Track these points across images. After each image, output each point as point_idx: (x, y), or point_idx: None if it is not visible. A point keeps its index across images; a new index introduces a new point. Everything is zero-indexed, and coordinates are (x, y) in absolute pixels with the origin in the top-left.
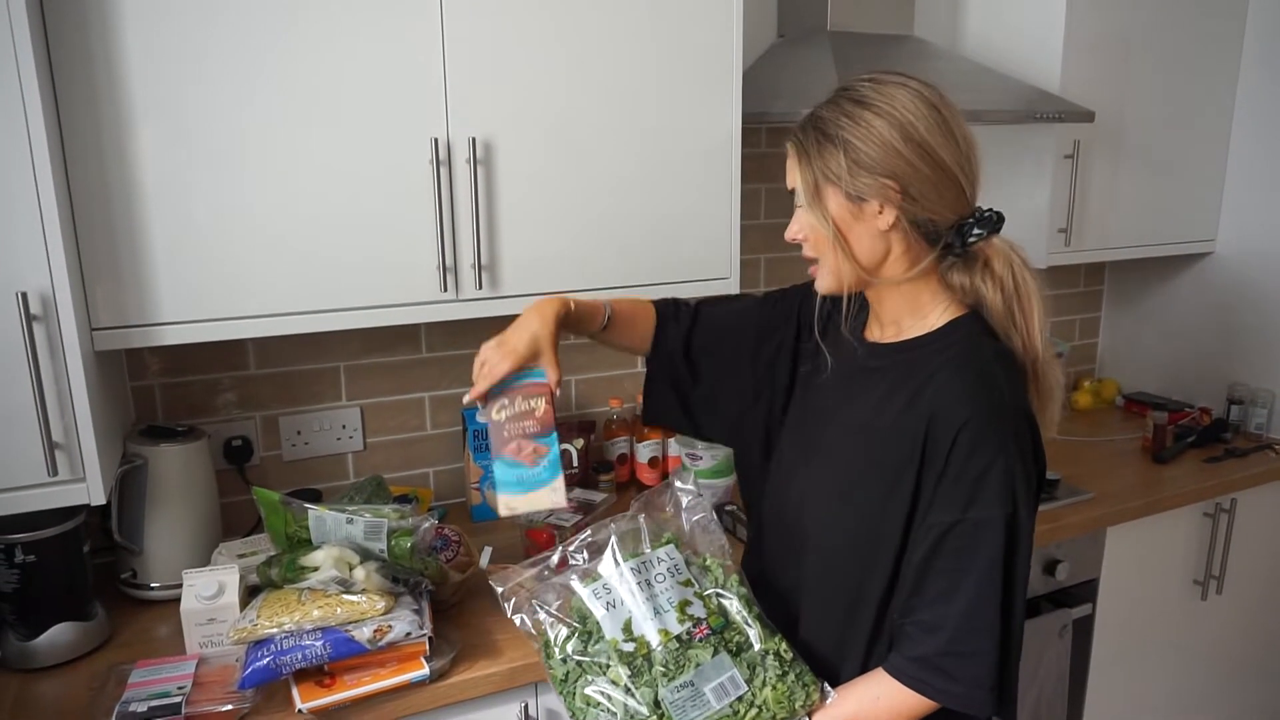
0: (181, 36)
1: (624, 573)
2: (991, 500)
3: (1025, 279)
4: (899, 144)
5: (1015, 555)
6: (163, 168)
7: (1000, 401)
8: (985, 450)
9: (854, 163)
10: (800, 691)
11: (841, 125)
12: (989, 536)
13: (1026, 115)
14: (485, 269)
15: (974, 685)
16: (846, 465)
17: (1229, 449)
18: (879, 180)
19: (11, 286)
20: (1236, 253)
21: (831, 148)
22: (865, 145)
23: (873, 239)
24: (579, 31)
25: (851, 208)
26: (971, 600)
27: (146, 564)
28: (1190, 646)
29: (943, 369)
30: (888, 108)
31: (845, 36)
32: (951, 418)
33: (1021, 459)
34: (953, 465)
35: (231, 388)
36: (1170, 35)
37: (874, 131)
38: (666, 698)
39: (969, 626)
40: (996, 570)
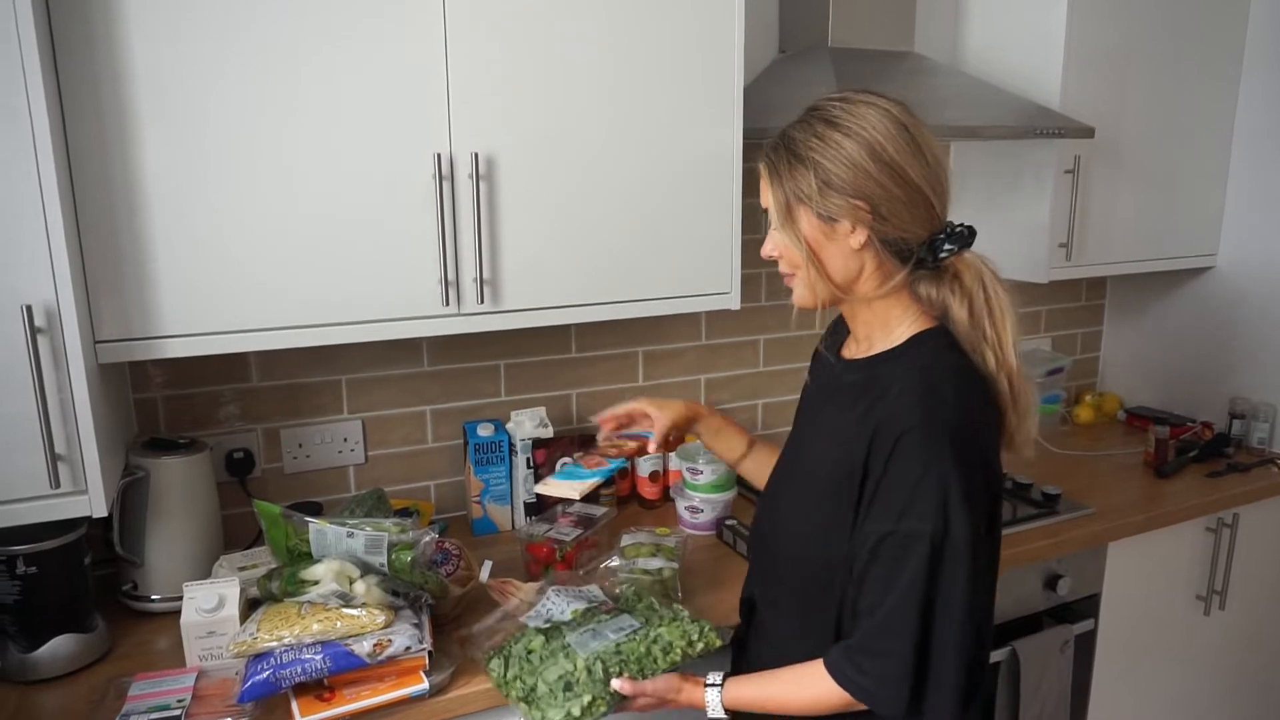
0: (188, 52)
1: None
2: (922, 513)
3: (996, 293)
4: (868, 165)
5: (944, 571)
6: (167, 182)
7: (943, 415)
8: (919, 462)
9: (824, 183)
10: (697, 632)
11: (812, 146)
12: (916, 550)
13: (1027, 131)
14: (487, 283)
15: (881, 682)
16: (810, 479)
17: (1231, 463)
18: (849, 201)
19: (16, 299)
20: (1238, 267)
21: (802, 168)
22: (835, 166)
23: (845, 257)
24: (580, 47)
25: (823, 227)
26: (893, 605)
27: (147, 576)
28: (1193, 662)
29: (897, 381)
30: (857, 128)
31: (846, 53)
32: (893, 428)
33: (960, 473)
34: (888, 474)
35: (234, 400)
36: (1170, 50)
37: (843, 152)
38: (572, 639)
39: (885, 627)
40: (919, 583)
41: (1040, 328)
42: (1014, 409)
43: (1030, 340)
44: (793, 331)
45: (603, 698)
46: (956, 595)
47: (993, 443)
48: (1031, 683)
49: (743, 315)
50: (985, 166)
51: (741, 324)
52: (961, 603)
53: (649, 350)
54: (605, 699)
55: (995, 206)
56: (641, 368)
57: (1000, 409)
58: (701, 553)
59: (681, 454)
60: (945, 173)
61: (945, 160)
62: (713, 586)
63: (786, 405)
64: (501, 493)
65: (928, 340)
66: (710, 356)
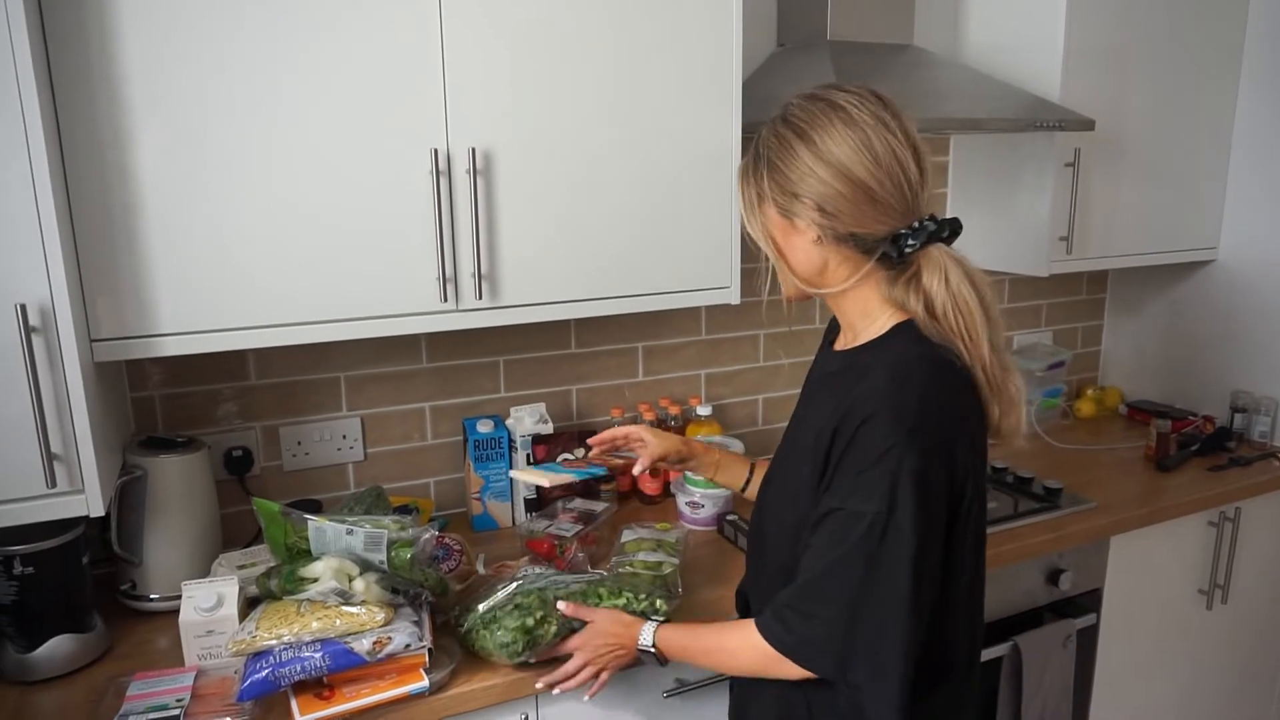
0: (182, 49)
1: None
2: (867, 495)
3: (960, 290)
4: (814, 165)
5: (884, 554)
6: (162, 179)
7: (905, 403)
8: (875, 446)
9: (776, 184)
10: (647, 593)
11: (770, 146)
12: (856, 526)
13: (1027, 124)
14: (485, 279)
15: (803, 641)
16: (793, 470)
17: (1233, 457)
18: (798, 200)
19: (10, 298)
20: (1239, 260)
21: (763, 168)
22: (785, 168)
23: (806, 251)
24: (578, 41)
25: (783, 223)
26: (825, 570)
27: (146, 575)
28: (1196, 656)
29: (872, 370)
30: (808, 128)
31: (845, 46)
32: (857, 414)
33: (916, 462)
34: (845, 458)
35: (232, 398)
36: (1171, 43)
37: (794, 154)
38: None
39: (814, 591)
40: (854, 557)
41: (1041, 321)
42: (996, 399)
43: (1030, 334)
44: (794, 325)
45: (552, 619)
46: (898, 577)
47: (964, 433)
48: (1033, 678)
49: (743, 310)
50: (985, 160)
51: (742, 319)
52: (903, 585)
53: (649, 345)
54: (555, 620)
55: (995, 200)
56: (641, 363)
57: (981, 399)
58: (702, 548)
59: None
60: (911, 167)
61: (912, 155)
62: (714, 582)
63: (787, 400)
64: (501, 489)
65: (907, 330)
66: (710, 351)
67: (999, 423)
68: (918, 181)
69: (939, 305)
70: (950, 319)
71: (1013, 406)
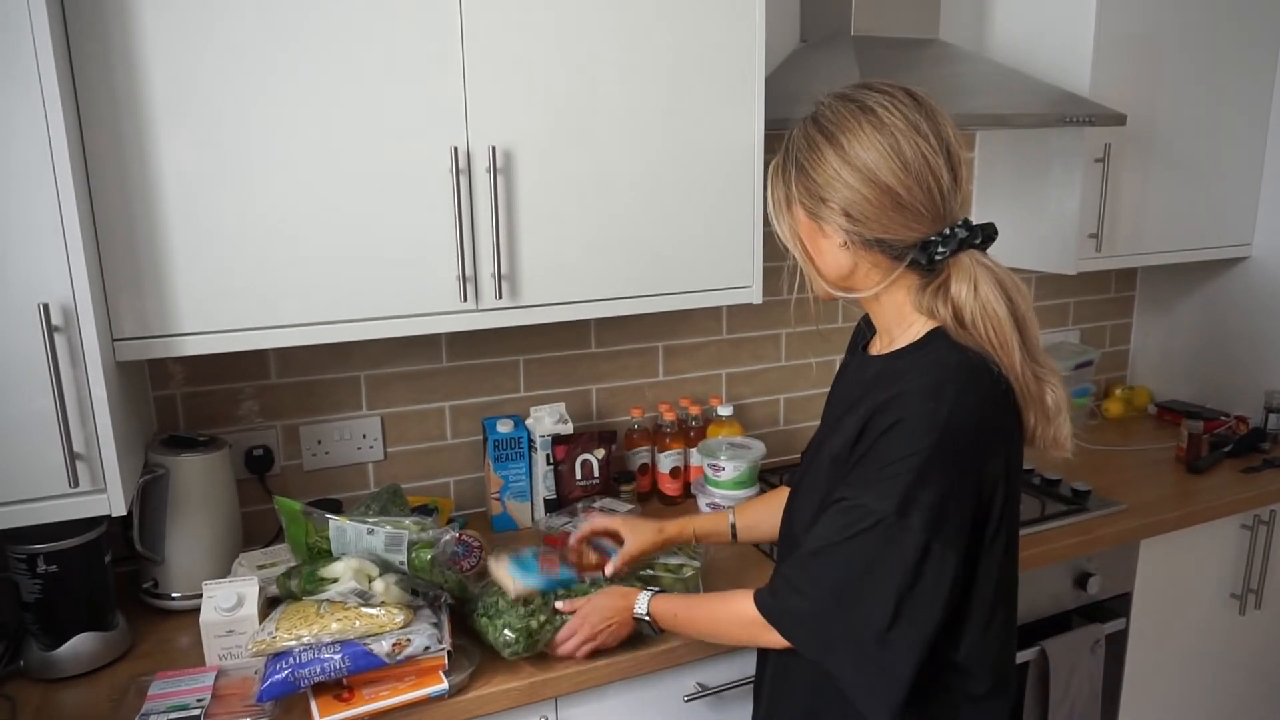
0: (204, 48)
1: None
2: (883, 494)
3: (989, 299)
4: (840, 170)
5: (886, 553)
6: (184, 178)
7: (938, 411)
8: (900, 450)
9: (803, 186)
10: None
11: (800, 147)
12: (863, 520)
13: (1055, 119)
14: (505, 278)
15: (786, 613)
16: (824, 473)
17: (1267, 459)
18: (825, 204)
19: (33, 298)
20: (1273, 256)
21: (793, 169)
22: (813, 171)
23: (834, 254)
24: (599, 39)
25: (811, 225)
26: (821, 553)
27: (168, 574)
28: (1228, 662)
29: (907, 375)
30: (837, 133)
31: (869, 41)
32: (889, 415)
33: (940, 474)
34: (870, 454)
35: (253, 397)
36: (1204, 35)
37: (822, 157)
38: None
39: (808, 569)
40: (855, 546)
41: (1068, 320)
42: (1031, 408)
43: (1058, 333)
44: (821, 325)
45: (556, 621)
46: (894, 578)
47: (996, 444)
48: (1061, 683)
49: (764, 309)
50: (1013, 156)
51: (763, 318)
52: (897, 587)
53: (669, 345)
54: (558, 622)
55: (1023, 196)
56: (662, 362)
57: (1018, 408)
58: (724, 550)
59: (703, 450)
60: (943, 173)
61: (945, 160)
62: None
63: (809, 400)
64: (521, 489)
65: (944, 336)
66: (731, 351)
67: (1036, 432)
68: (950, 187)
69: (967, 314)
70: (980, 328)
71: (1052, 417)
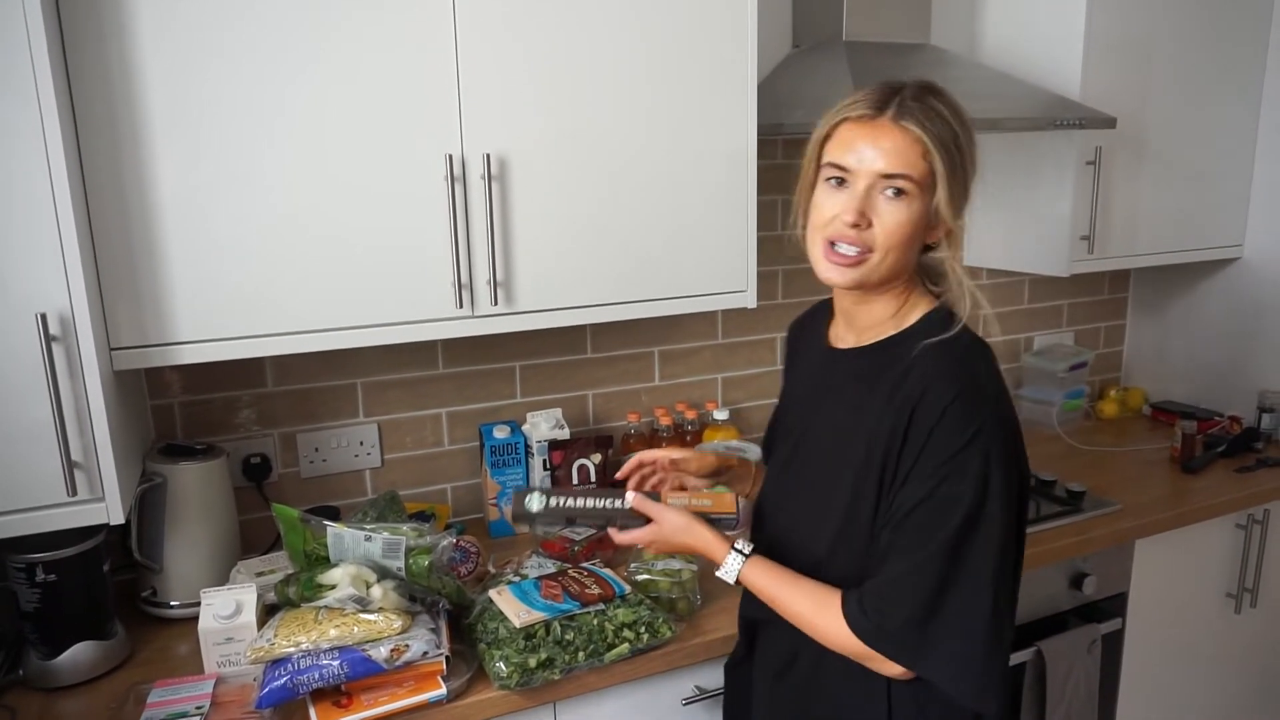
0: (199, 57)
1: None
2: (961, 479)
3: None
4: (977, 159)
5: (978, 535)
6: (180, 187)
7: (982, 385)
8: (962, 430)
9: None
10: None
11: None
12: (953, 514)
13: (1047, 122)
14: (501, 285)
15: (875, 632)
16: (829, 479)
17: (1260, 458)
18: (960, 214)
19: (31, 307)
20: (1265, 257)
21: (960, 162)
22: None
23: (919, 246)
24: (592, 46)
25: (929, 216)
26: (913, 565)
27: (166, 582)
28: (1224, 661)
29: (923, 356)
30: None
31: (861, 46)
32: (937, 398)
33: (1000, 445)
34: (930, 443)
35: (250, 405)
36: (1193, 38)
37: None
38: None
39: (902, 582)
40: (947, 546)
41: (1062, 322)
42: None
43: (1052, 335)
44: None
45: (558, 663)
46: (986, 564)
47: (1017, 422)
48: (1058, 683)
49: (759, 313)
50: (1004, 159)
51: (758, 322)
52: (989, 571)
53: (665, 350)
54: (560, 666)
55: (1015, 200)
56: (657, 367)
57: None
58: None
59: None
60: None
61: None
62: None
63: None
64: None
65: (938, 315)
66: (726, 355)
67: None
68: None
69: (953, 288)
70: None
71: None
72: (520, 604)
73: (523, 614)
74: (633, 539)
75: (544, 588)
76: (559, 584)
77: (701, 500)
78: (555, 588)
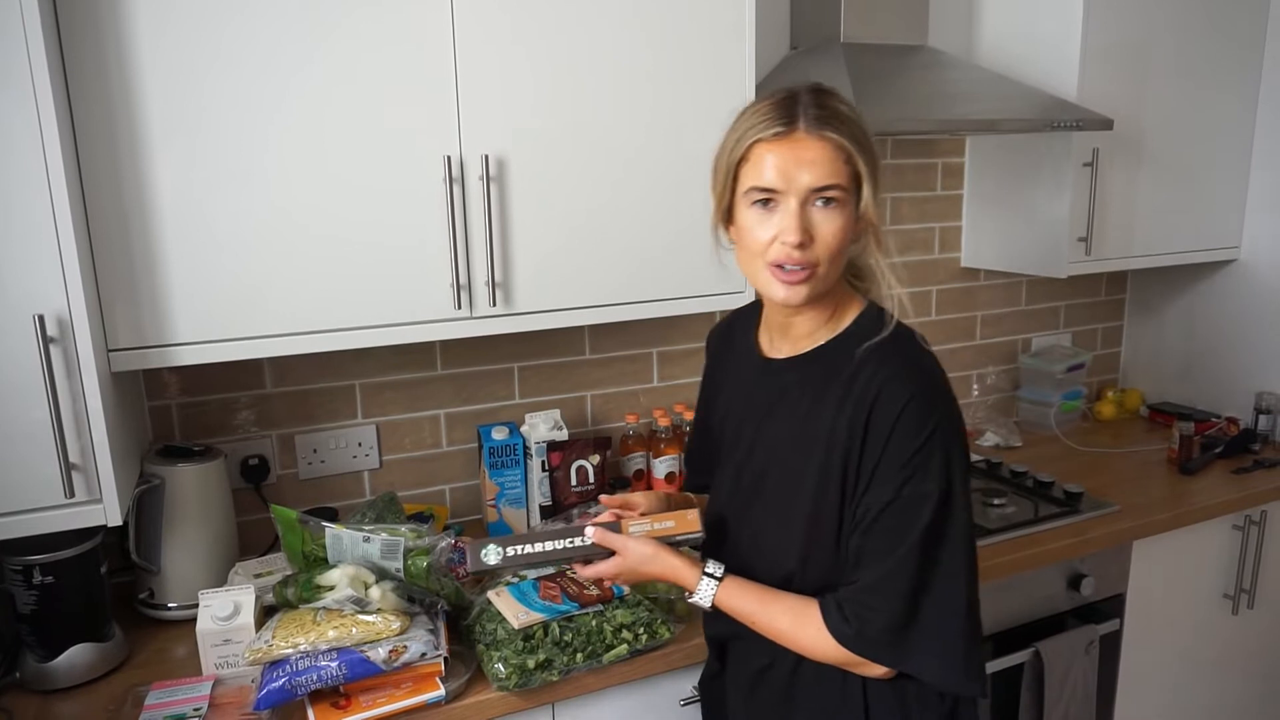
0: (197, 58)
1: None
2: (925, 476)
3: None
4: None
5: (947, 529)
6: (178, 188)
7: (932, 381)
8: (921, 428)
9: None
10: (649, 624)
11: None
12: (921, 512)
13: (1044, 124)
14: (499, 286)
15: (857, 638)
16: (787, 492)
17: (1258, 460)
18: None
19: (28, 309)
20: (1261, 259)
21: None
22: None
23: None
24: (591, 46)
25: (856, 214)
26: (891, 568)
27: (164, 584)
28: (1222, 662)
29: (869, 358)
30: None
31: (859, 48)
32: (893, 399)
33: (955, 436)
34: (891, 444)
35: (248, 406)
36: (1190, 39)
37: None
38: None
39: (878, 586)
40: (917, 546)
41: (1060, 323)
42: None
43: (1049, 336)
44: None
45: (557, 664)
46: (956, 552)
47: (958, 407)
48: (1055, 684)
49: None
50: (1002, 161)
51: None
52: (961, 559)
53: (663, 351)
54: (559, 668)
55: (1012, 201)
56: (656, 368)
57: None
58: None
59: None
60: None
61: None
62: None
63: None
64: (516, 496)
65: (871, 315)
66: None
67: None
68: None
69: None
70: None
71: None
72: (519, 605)
73: (521, 615)
74: (597, 573)
75: (542, 589)
76: (557, 585)
77: (664, 523)
78: (554, 589)
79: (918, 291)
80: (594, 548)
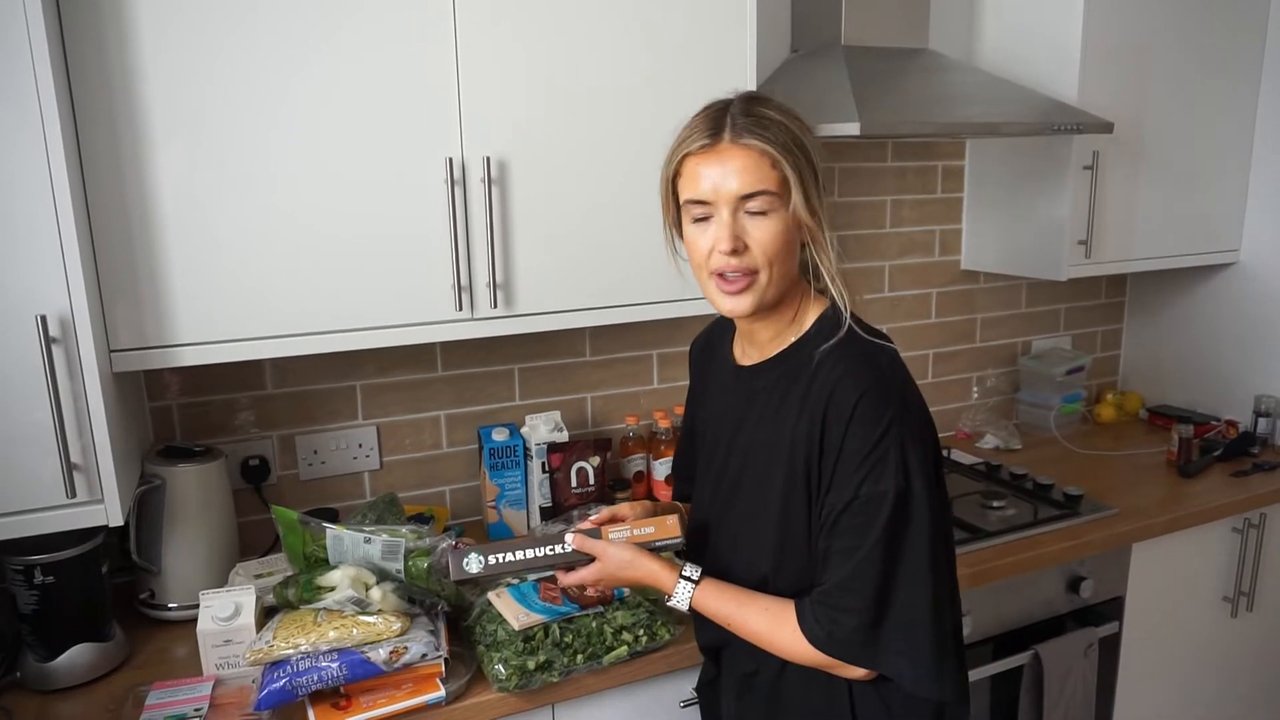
0: (200, 59)
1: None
2: (882, 474)
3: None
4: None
5: (908, 528)
6: (180, 189)
7: (886, 377)
8: (876, 423)
9: (815, 188)
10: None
11: (802, 129)
12: (881, 511)
13: (1044, 127)
14: (500, 288)
15: (828, 640)
16: (765, 487)
17: (1257, 462)
18: (819, 209)
19: (31, 309)
20: (1261, 262)
21: (809, 147)
22: (816, 154)
23: (796, 252)
24: (592, 49)
25: (797, 218)
26: (853, 569)
27: (164, 584)
28: (1221, 665)
29: (825, 359)
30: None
31: (859, 51)
32: (846, 396)
33: (914, 430)
34: (848, 441)
35: (249, 407)
36: (1190, 43)
37: (818, 154)
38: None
39: (845, 586)
40: (883, 543)
41: (1060, 326)
42: None
43: (1049, 339)
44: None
45: (557, 665)
46: (921, 550)
47: (923, 400)
48: (1055, 687)
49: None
50: (1002, 163)
51: None
52: (926, 557)
53: (663, 353)
54: (559, 668)
55: (1013, 204)
56: (656, 370)
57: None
58: None
59: None
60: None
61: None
62: None
63: None
64: (517, 497)
65: (829, 316)
66: None
67: None
68: None
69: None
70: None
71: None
72: (519, 606)
73: (521, 616)
74: (578, 579)
75: (542, 590)
76: (558, 587)
77: (644, 529)
78: (554, 590)
79: (918, 294)
80: (575, 554)
